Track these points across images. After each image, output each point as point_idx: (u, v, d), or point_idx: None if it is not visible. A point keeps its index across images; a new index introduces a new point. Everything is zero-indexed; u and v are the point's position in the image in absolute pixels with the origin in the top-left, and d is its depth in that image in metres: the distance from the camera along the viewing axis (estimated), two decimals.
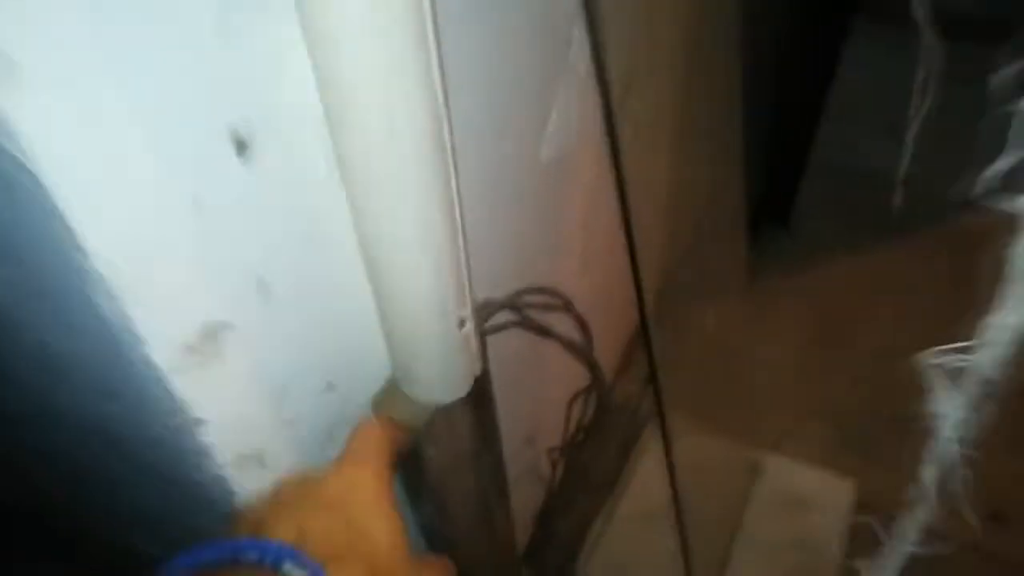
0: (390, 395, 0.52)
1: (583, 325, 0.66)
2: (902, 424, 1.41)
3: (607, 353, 1.29)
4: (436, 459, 0.56)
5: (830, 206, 1.83)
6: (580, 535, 1.24)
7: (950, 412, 0.44)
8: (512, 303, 0.58)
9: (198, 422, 0.37)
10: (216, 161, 0.32)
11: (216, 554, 0.31)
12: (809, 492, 1.27)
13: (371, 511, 0.37)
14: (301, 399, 0.45)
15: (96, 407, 0.42)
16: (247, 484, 0.42)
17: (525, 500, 1.10)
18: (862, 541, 1.23)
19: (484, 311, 0.57)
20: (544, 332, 0.59)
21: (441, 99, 0.35)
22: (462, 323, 0.47)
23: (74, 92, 0.26)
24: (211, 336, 0.36)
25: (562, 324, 0.73)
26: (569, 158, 0.79)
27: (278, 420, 0.44)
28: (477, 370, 0.53)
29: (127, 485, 0.50)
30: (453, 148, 0.39)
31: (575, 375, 1.07)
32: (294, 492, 0.37)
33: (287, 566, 0.30)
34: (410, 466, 0.55)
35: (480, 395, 0.56)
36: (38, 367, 0.42)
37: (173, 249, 0.32)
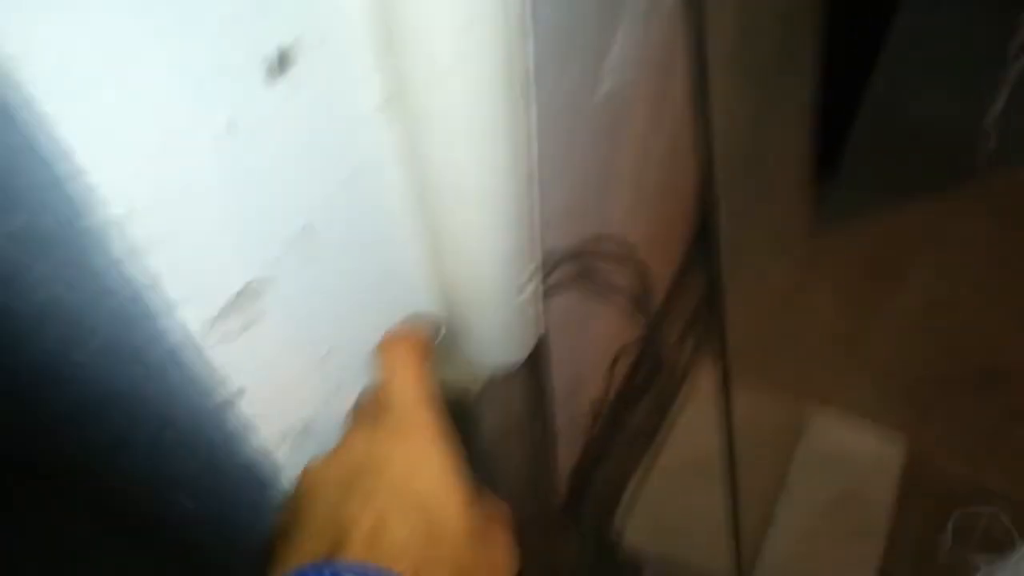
0: (443, 357, 0.47)
1: (645, 279, 0.60)
2: (953, 381, 1.36)
3: None
4: (489, 425, 0.51)
5: (883, 155, 1.73)
6: (618, 488, 1.21)
7: None
8: (574, 256, 0.52)
9: (239, 392, 0.33)
10: (251, 77, 0.26)
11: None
12: (858, 448, 1.22)
13: (441, 494, 0.34)
14: (349, 362, 0.40)
15: (123, 370, 0.38)
16: (294, 458, 0.37)
17: (564, 453, 1.06)
18: (914, 500, 1.19)
19: (546, 264, 0.51)
20: (610, 290, 0.53)
21: (529, 11, 0.28)
22: (528, 281, 0.42)
23: None
24: (251, 295, 0.31)
25: (617, 275, 0.68)
26: (626, 92, 0.72)
27: (325, 387, 0.39)
28: (539, 333, 0.47)
29: (166, 448, 0.46)
30: (530, 74, 0.32)
31: (624, 326, 1.01)
32: (363, 471, 0.35)
33: None
34: (461, 432, 0.51)
35: (538, 358, 0.51)
36: (49, 320, 0.37)
37: (205, 188, 0.26)
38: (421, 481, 0.34)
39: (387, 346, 0.39)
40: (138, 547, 0.73)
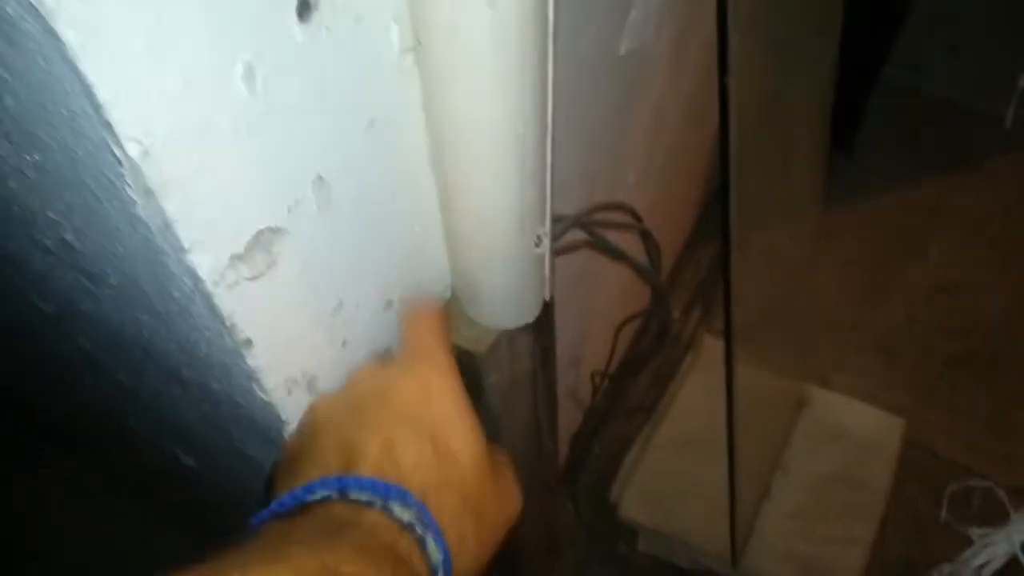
0: (451, 318, 0.47)
1: (654, 248, 0.60)
2: (957, 364, 1.35)
3: None
4: (496, 386, 0.52)
5: (898, 132, 1.71)
6: (615, 459, 1.22)
7: None
8: (584, 220, 0.52)
9: (247, 342, 0.32)
10: (273, 21, 0.26)
11: (325, 489, 0.30)
12: (857, 427, 1.23)
13: (451, 423, 0.35)
14: (357, 318, 0.40)
15: (132, 316, 0.38)
16: (297, 411, 0.37)
17: (563, 423, 1.07)
18: (911, 482, 1.20)
19: (555, 228, 0.51)
20: (618, 255, 0.53)
21: None
22: (539, 242, 0.42)
23: None
24: (263, 243, 0.31)
25: (626, 243, 0.67)
26: (644, 55, 0.71)
27: (332, 341, 0.39)
28: (547, 295, 0.47)
29: (170, 400, 0.46)
30: (551, 26, 0.32)
31: (628, 297, 1.01)
32: (372, 401, 0.35)
33: (395, 506, 0.30)
34: (468, 392, 0.51)
35: (545, 321, 0.51)
36: (59, 266, 0.37)
37: (223, 132, 0.26)
38: (431, 410, 0.34)
39: (409, 308, 0.40)
40: (138, 503, 0.74)
